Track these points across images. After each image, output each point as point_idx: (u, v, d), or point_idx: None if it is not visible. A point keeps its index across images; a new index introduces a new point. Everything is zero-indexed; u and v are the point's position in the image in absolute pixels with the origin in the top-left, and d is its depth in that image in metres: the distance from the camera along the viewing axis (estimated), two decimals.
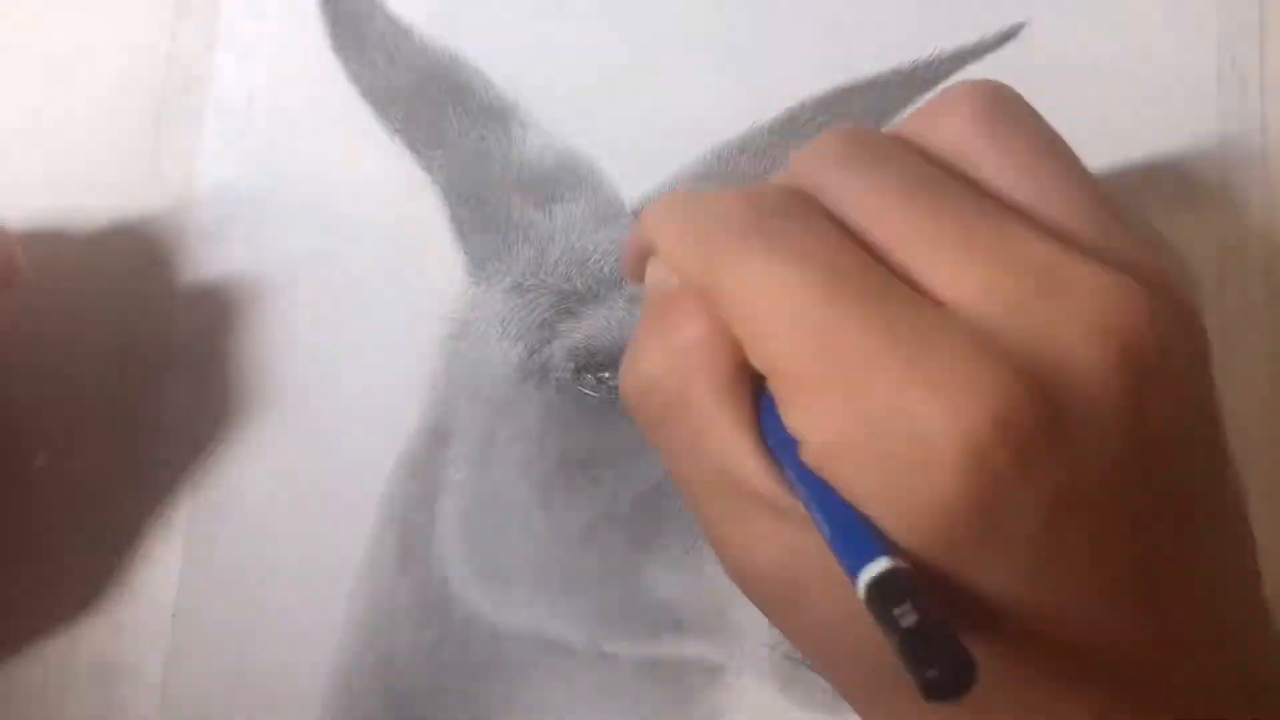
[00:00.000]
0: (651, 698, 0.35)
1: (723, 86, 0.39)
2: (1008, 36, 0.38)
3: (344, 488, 0.37)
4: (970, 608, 0.20)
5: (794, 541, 0.22)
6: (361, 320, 0.38)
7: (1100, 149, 0.38)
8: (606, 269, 0.37)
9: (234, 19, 0.40)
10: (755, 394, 0.22)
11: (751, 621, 0.34)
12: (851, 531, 0.20)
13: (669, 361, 0.23)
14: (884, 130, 0.26)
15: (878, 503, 0.20)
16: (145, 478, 0.37)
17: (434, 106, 0.39)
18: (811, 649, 0.24)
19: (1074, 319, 0.20)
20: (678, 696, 0.35)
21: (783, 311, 0.21)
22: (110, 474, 0.37)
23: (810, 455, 0.21)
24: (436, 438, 0.37)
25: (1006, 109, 0.25)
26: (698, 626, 0.35)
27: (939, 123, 0.25)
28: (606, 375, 0.36)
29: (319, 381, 0.38)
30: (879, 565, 0.19)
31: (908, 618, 0.18)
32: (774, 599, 0.23)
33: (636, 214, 0.37)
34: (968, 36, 0.38)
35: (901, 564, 0.19)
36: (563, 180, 0.38)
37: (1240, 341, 0.36)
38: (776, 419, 0.21)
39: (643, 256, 0.26)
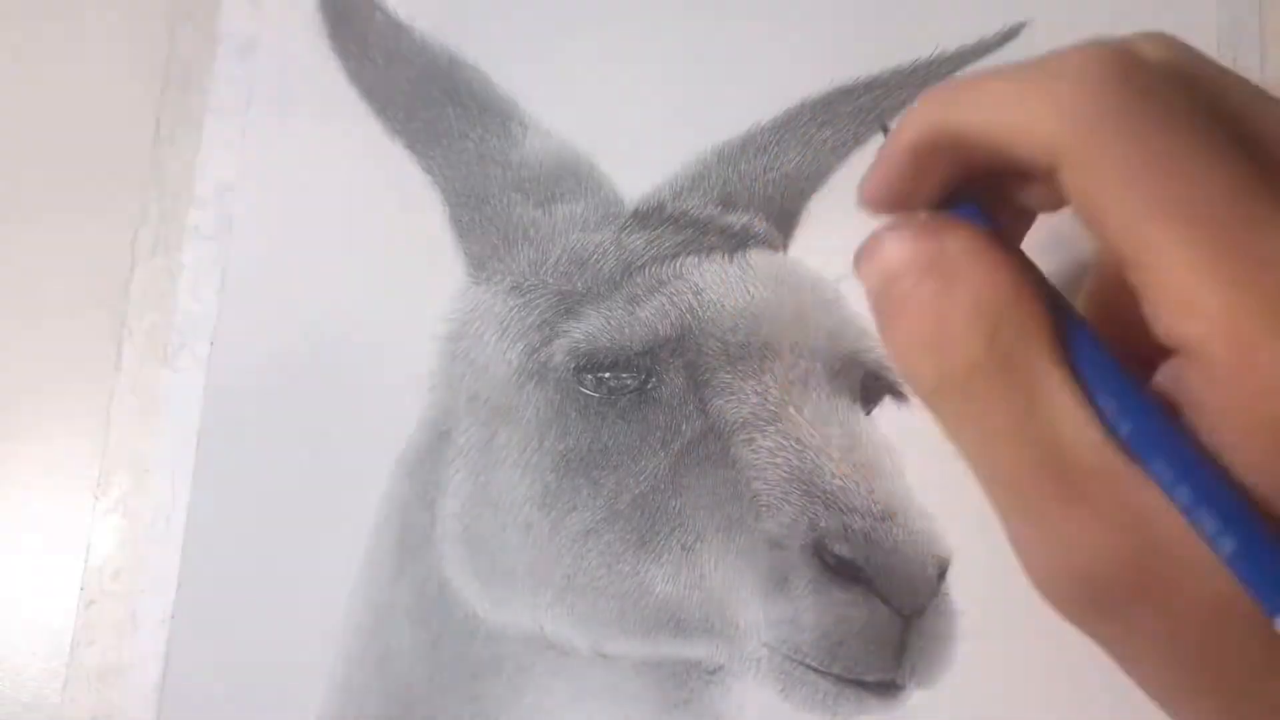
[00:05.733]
0: (651, 698, 0.35)
1: (723, 86, 0.39)
2: (1008, 36, 0.39)
3: (344, 487, 0.37)
4: None
5: (1148, 528, 0.18)
6: (361, 320, 0.38)
7: None
8: (606, 268, 0.37)
9: (234, 19, 0.41)
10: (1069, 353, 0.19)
11: (752, 622, 0.34)
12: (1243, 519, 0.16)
13: (971, 317, 0.19)
14: None
15: None
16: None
17: (434, 106, 0.39)
18: (1162, 652, 0.19)
19: None
20: (678, 697, 0.35)
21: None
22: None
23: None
24: (436, 437, 0.37)
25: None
26: (697, 627, 0.35)
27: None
28: (607, 375, 0.36)
29: (319, 380, 0.38)
30: None
31: None
32: (1110, 600, 0.19)
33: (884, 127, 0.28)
34: (968, 36, 0.38)
35: None
36: (563, 180, 0.38)
37: None
38: (1112, 375, 0.18)
39: (918, 159, 0.21)
